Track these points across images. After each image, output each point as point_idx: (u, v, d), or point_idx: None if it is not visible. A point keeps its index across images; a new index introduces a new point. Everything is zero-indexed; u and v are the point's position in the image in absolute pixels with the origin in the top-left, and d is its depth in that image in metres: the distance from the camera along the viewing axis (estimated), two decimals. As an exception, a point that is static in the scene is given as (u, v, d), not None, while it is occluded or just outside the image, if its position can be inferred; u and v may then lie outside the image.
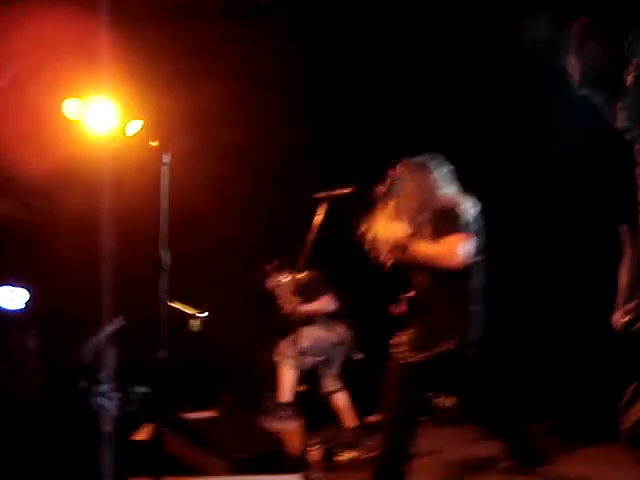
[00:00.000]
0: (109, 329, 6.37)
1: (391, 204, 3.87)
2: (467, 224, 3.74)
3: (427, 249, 3.72)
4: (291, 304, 5.26)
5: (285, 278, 6.04)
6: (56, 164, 5.58)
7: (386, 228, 3.82)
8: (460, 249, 3.67)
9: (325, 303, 5.88)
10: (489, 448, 5.25)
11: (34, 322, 6.32)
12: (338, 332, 5.95)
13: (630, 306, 2.41)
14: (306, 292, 5.38)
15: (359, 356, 6.09)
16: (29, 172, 5.73)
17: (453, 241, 3.68)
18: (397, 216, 3.85)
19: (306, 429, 4.37)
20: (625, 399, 2.49)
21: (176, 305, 7.55)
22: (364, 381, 6.45)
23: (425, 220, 3.79)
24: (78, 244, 5.81)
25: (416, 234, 3.77)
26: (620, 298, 2.49)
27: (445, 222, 3.74)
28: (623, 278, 2.52)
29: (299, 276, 4.71)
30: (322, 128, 6.93)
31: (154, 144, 2.18)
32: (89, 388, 6.34)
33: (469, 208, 3.81)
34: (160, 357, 1.89)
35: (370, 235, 3.88)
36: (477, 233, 3.78)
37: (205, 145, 5.82)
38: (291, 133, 6.71)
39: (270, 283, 6.19)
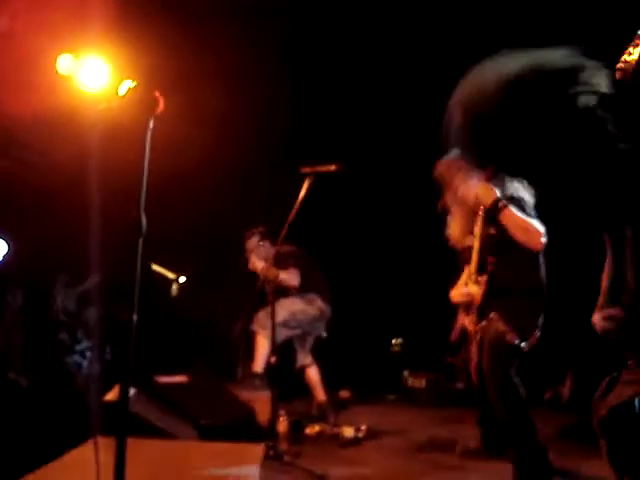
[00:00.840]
0: (87, 285, 6.40)
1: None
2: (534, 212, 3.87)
3: (521, 218, 3.75)
4: (264, 268, 5.28)
5: (264, 245, 6.05)
6: (46, 119, 5.54)
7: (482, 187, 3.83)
8: (544, 232, 3.77)
9: (292, 276, 5.88)
10: (457, 430, 5.39)
11: (16, 276, 6.32)
12: (319, 306, 5.98)
13: (611, 312, 2.45)
14: (279, 262, 5.38)
15: (324, 334, 6.11)
16: (17, 124, 5.70)
17: (536, 224, 3.78)
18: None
19: (276, 400, 4.43)
20: (600, 391, 2.55)
21: (157, 268, 7.57)
22: (333, 357, 6.55)
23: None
24: (64, 199, 5.80)
25: None
26: (601, 299, 2.54)
27: (518, 208, 3.82)
28: (605, 281, 2.56)
29: (278, 247, 4.72)
30: (310, 102, 6.93)
31: (139, 104, 2.18)
32: (66, 345, 6.37)
33: (530, 197, 3.92)
34: (130, 319, 1.91)
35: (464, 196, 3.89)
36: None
37: (193, 110, 5.79)
38: (278, 102, 6.69)
39: (250, 245, 6.16)
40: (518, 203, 3.85)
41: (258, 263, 5.71)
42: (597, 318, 2.49)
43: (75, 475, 2.24)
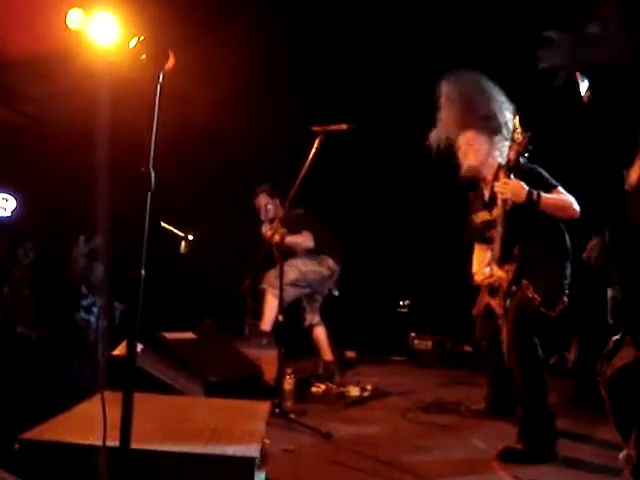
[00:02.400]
0: (95, 241, 6.40)
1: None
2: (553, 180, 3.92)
3: (554, 200, 3.82)
4: (273, 231, 5.24)
5: (273, 204, 6.05)
6: (56, 73, 5.51)
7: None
8: (574, 200, 3.84)
9: (305, 239, 5.89)
10: (462, 391, 5.43)
11: (25, 232, 6.33)
12: (329, 266, 5.99)
13: (592, 243, 2.48)
14: (289, 225, 5.36)
15: (336, 293, 6.14)
16: (27, 79, 5.67)
17: (563, 193, 3.85)
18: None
19: (283, 358, 4.45)
20: (608, 349, 2.56)
21: (166, 226, 7.57)
22: (341, 317, 6.58)
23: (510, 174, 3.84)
24: (73, 154, 5.78)
25: None
26: None
27: (539, 180, 3.87)
28: None
29: (286, 208, 4.70)
30: (315, 61, 6.87)
31: (149, 58, 2.15)
32: (75, 301, 6.41)
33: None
34: (138, 275, 1.90)
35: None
36: None
37: (204, 66, 5.74)
38: (291, 61, 6.63)
39: (259, 202, 6.15)
40: (540, 179, 3.89)
41: (264, 227, 5.71)
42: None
43: (82, 428, 2.26)
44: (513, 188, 3.79)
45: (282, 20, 6.41)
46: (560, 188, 3.88)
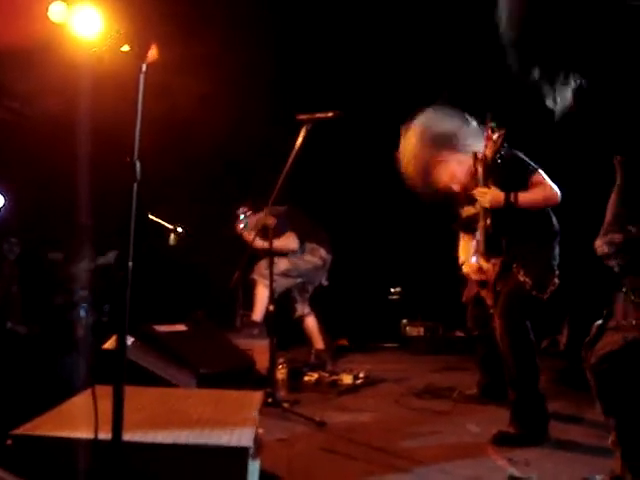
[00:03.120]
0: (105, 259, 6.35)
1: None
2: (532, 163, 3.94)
3: (533, 195, 3.84)
4: (257, 242, 5.29)
5: (250, 218, 6.04)
6: (39, 67, 5.47)
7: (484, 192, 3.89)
8: (555, 187, 3.86)
9: (288, 241, 5.90)
10: (454, 377, 5.45)
11: (12, 228, 6.30)
12: (321, 255, 5.99)
13: (615, 238, 2.41)
14: (274, 229, 5.38)
15: (325, 282, 6.15)
16: (10, 74, 5.62)
17: (543, 180, 3.87)
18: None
19: (275, 348, 4.45)
20: (591, 335, 2.55)
21: (155, 219, 7.54)
22: (332, 305, 6.58)
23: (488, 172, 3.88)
24: (60, 149, 5.74)
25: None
26: (605, 226, 2.52)
27: (519, 165, 3.91)
28: (611, 207, 2.53)
29: (266, 214, 4.70)
30: (305, 50, 6.86)
31: (131, 49, 2.13)
32: (65, 297, 6.39)
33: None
34: (126, 266, 1.89)
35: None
36: None
37: (188, 58, 5.71)
38: (276, 50, 6.60)
39: (238, 227, 6.16)
40: (520, 164, 3.92)
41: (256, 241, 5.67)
42: (598, 243, 2.47)
43: (74, 422, 2.25)
44: (491, 198, 3.84)
45: (265, 7, 6.38)
46: (540, 172, 3.89)
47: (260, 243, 5.41)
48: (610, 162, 2.41)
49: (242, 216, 6.08)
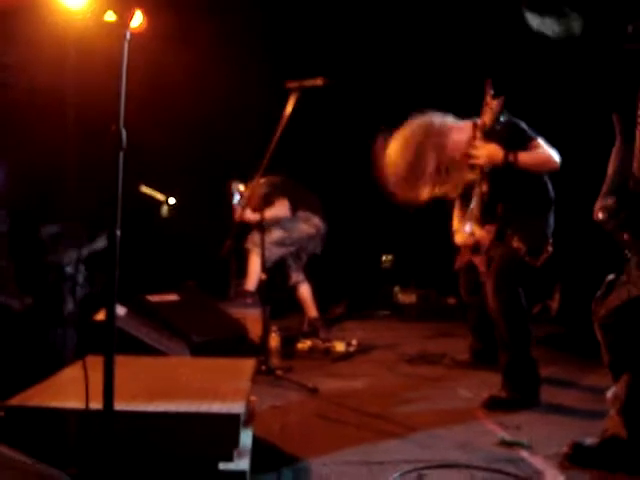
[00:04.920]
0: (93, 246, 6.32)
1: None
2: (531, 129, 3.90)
3: (533, 156, 3.79)
4: (248, 215, 5.30)
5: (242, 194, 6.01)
6: (23, 36, 5.40)
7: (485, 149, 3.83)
8: (554, 153, 3.82)
9: (279, 208, 5.87)
10: (446, 343, 5.49)
11: (1, 201, 6.25)
12: (315, 224, 5.98)
13: (607, 203, 2.42)
14: (265, 199, 5.37)
15: (318, 251, 6.15)
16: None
17: (542, 145, 3.82)
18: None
19: (267, 317, 4.46)
20: (602, 290, 2.58)
21: (146, 190, 7.52)
22: (325, 274, 6.59)
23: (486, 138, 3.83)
24: (48, 120, 5.69)
25: None
26: (605, 187, 2.52)
27: (518, 132, 3.85)
28: (611, 167, 2.53)
29: (257, 184, 4.69)
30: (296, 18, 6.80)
31: (111, 19, 2.10)
32: (55, 268, 6.36)
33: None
34: (114, 236, 1.88)
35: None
36: None
37: (178, 29, 5.65)
38: (257, 21, 6.55)
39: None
40: (519, 132, 3.87)
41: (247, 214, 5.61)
42: (596, 207, 2.48)
43: (66, 393, 2.26)
44: (488, 152, 3.79)
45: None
46: (540, 140, 3.84)
47: (252, 216, 5.42)
48: (605, 129, 2.41)
49: (236, 195, 6.05)
